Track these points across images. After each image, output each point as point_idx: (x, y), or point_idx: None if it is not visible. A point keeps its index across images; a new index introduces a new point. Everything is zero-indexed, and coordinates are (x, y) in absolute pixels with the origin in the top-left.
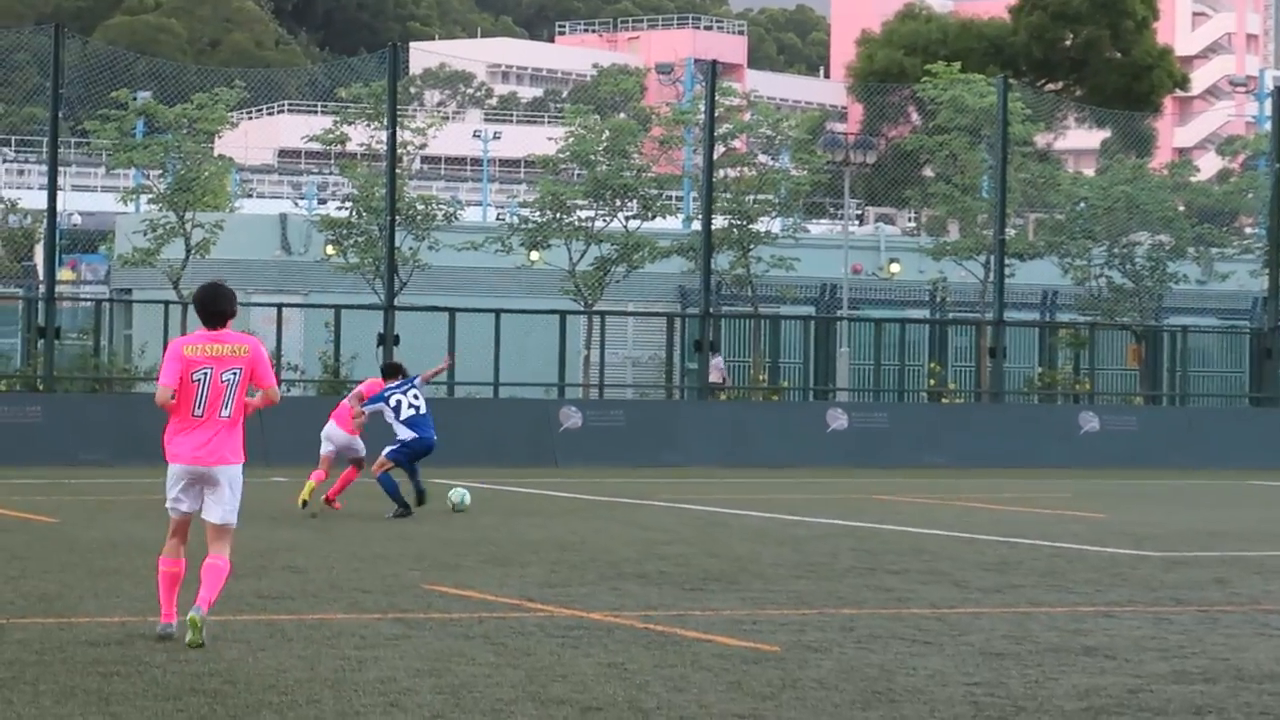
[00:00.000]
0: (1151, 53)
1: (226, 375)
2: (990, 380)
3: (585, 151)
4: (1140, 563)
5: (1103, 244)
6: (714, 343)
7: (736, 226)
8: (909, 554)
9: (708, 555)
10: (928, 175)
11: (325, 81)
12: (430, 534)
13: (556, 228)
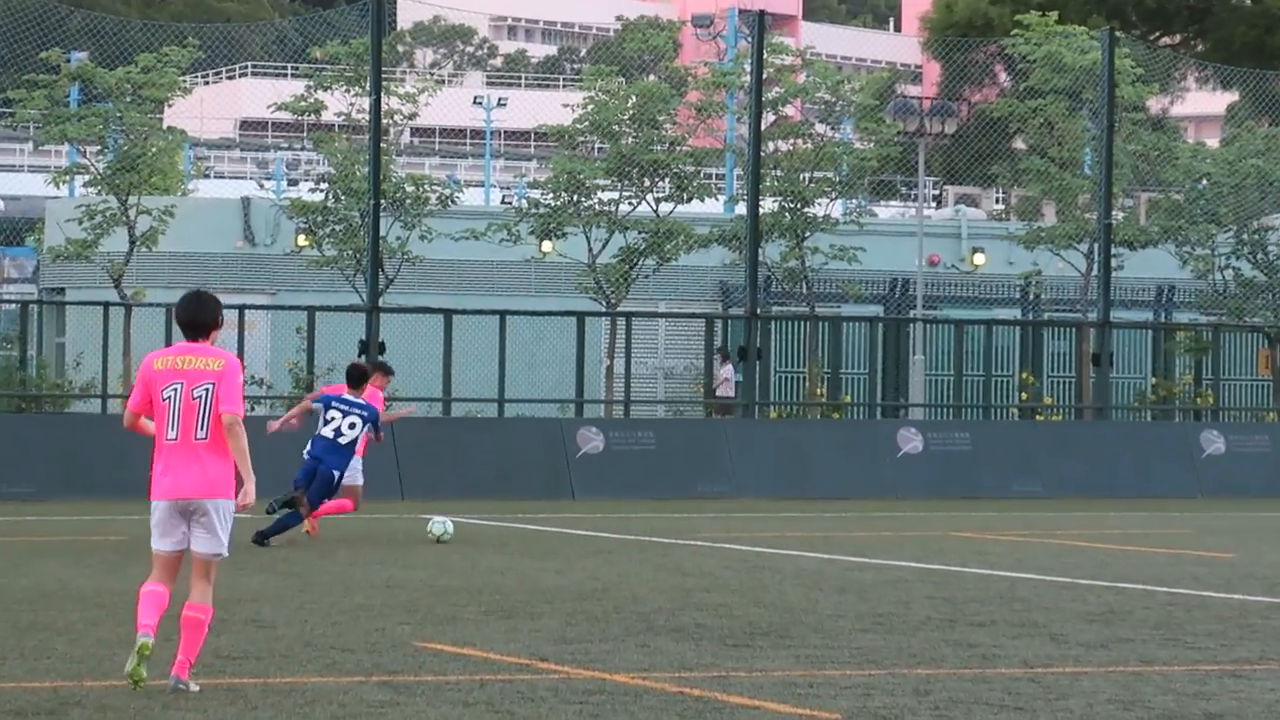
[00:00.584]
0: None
1: (198, 392)
2: (1094, 393)
3: (608, 121)
4: (1275, 612)
5: (1230, 229)
6: (725, 350)
7: (789, 210)
8: (996, 603)
9: (755, 605)
10: (1019, 148)
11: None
12: (423, 581)
13: (573, 213)
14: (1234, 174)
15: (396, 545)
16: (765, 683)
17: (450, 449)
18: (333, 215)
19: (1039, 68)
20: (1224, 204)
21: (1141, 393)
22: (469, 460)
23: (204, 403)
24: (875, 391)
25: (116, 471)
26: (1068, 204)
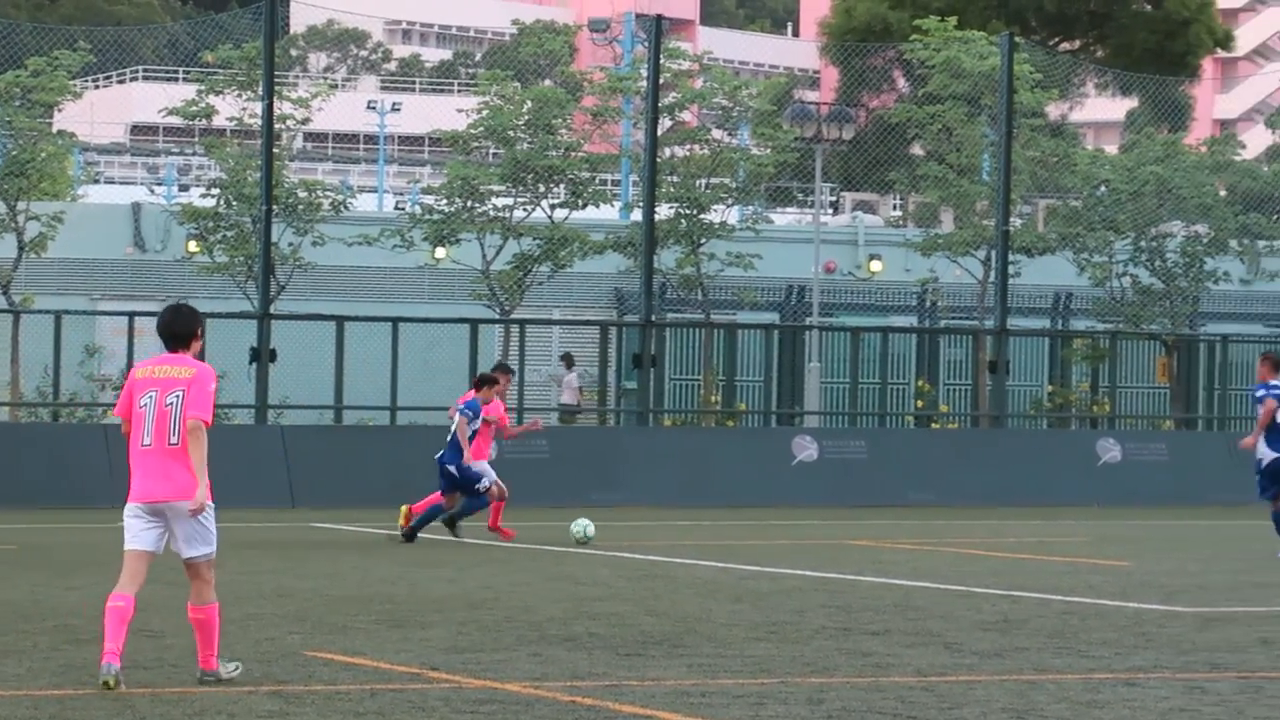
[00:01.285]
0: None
1: (170, 400)
2: (990, 401)
3: (503, 126)
4: (1170, 620)
5: (1128, 236)
6: (569, 356)
7: (685, 217)
8: (891, 611)
9: (648, 614)
10: (917, 154)
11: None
12: (314, 590)
13: (467, 219)
14: (1132, 181)
15: (287, 554)
16: (658, 692)
17: (343, 457)
18: (224, 221)
19: (938, 73)
20: (1122, 211)
21: (1038, 401)
22: (362, 468)
23: (175, 410)
24: (771, 399)
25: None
26: (965, 210)
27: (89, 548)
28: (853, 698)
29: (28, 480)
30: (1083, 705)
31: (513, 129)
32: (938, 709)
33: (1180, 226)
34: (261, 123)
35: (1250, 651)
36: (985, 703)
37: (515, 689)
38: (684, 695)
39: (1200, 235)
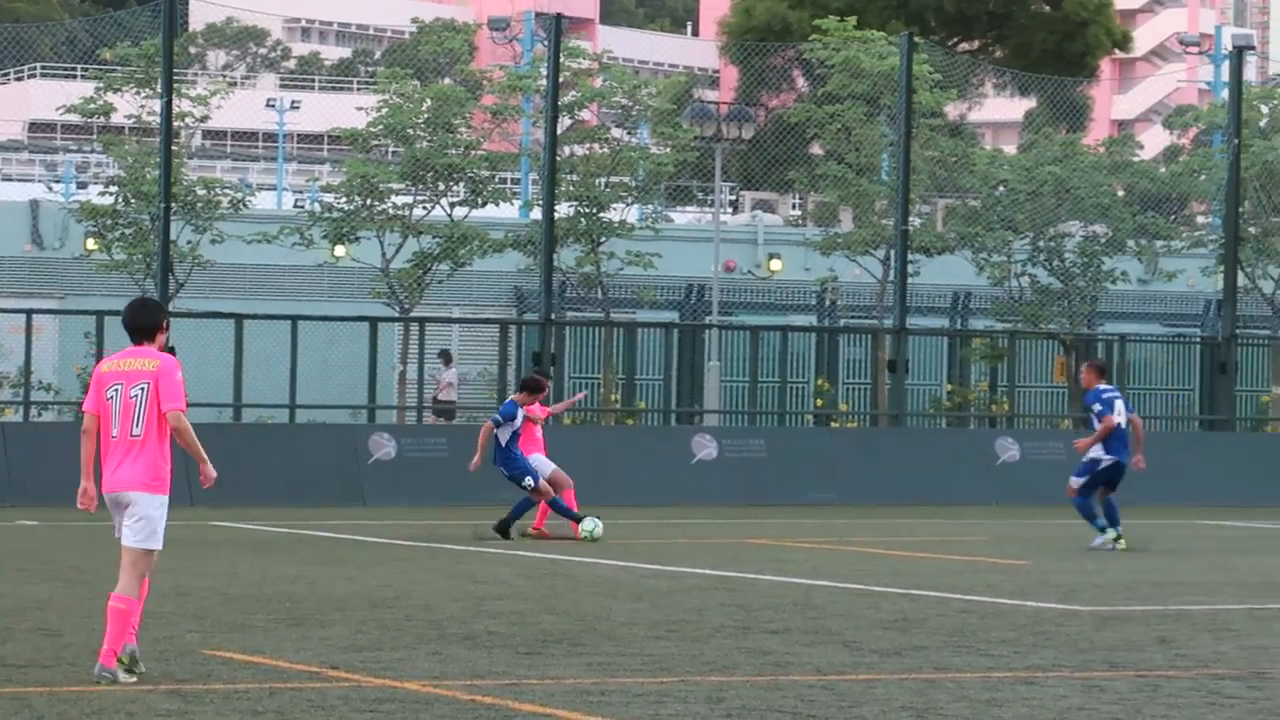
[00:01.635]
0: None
1: (134, 391)
2: (890, 400)
3: (402, 124)
4: (1068, 619)
5: (1026, 236)
6: (447, 353)
7: (584, 215)
8: (791, 610)
9: (548, 612)
10: (816, 153)
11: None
12: (213, 589)
13: (367, 217)
14: (1031, 181)
15: (185, 552)
16: (558, 691)
17: (241, 455)
18: (122, 219)
19: (837, 73)
20: (1021, 211)
21: (937, 400)
22: (260, 467)
23: (140, 401)
24: (670, 398)
25: None
26: (864, 210)
27: (29, 553)
28: (752, 696)
29: None
30: (982, 704)
31: (412, 127)
32: (837, 707)
33: (1078, 226)
34: (160, 120)
35: (1148, 650)
36: (885, 701)
37: (414, 688)
38: (583, 694)
39: (1098, 235)
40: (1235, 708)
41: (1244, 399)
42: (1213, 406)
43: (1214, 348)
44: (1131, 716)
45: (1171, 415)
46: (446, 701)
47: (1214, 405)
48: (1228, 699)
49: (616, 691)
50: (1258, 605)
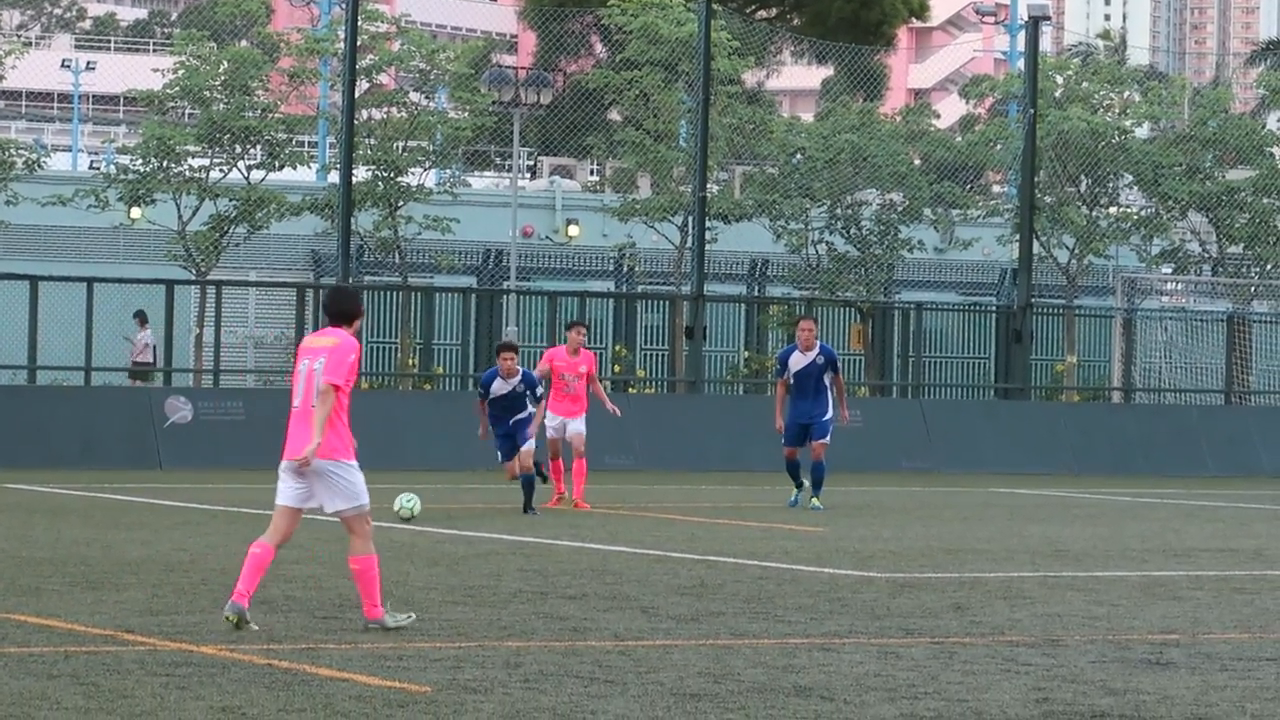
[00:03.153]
0: None
1: (315, 365)
2: (687, 367)
3: (199, 86)
4: (864, 586)
5: (823, 204)
6: (139, 312)
7: (382, 179)
8: (588, 575)
9: (344, 577)
10: (614, 119)
11: None
12: (5, 552)
13: (163, 179)
14: (828, 149)
15: None
16: (355, 655)
17: (35, 417)
18: None
19: (635, 39)
20: (818, 179)
21: (735, 367)
22: (55, 430)
23: (317, 375)
24: (468, 363)
25: None
26: (663, 176)
27: None
28: (549, 661)
29: None
30: (779, 670)
31: (209, 89)
32: (635, 673)
33: (875, 195)
34: None
35: (943, 617)
36: (682, 667)
37: (211, 652)
38: (381, 658)
39: (895, 204)
40: (1030, 674)
41: (1038, 367)
42: (1007, 375)
43: (1009, 316)
44: (927, 683)
45: (966, 384)
46: (244, 666)
47: (1009, 374)
48: (1022, 665)
49: (414, 656)
50: (1050, 573)
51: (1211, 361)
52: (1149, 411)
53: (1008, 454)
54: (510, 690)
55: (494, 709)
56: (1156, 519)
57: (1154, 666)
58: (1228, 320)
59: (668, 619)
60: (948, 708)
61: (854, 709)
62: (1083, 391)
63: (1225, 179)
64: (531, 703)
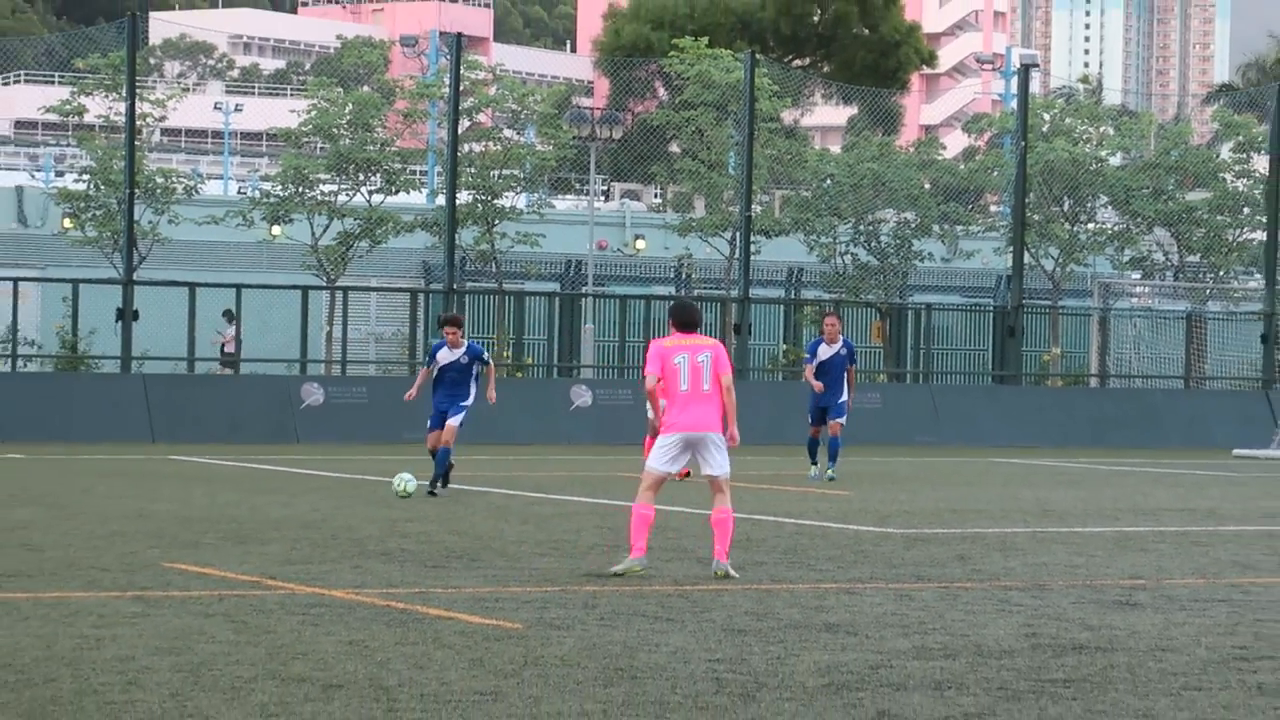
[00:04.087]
0: (899, 29)
1: (701, 358)
2: (735, 358)
3: (328, 124)
4: (883, 540)
5: (848, 221)
6: (228, 311)
7: (481, 201)
8: (654, 532)
9: (450, 533)
10: (674, 151)
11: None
12: (170, 512)
13: (299, 202)
14: (853, 175)
15: (147, 481)
16: (459, 598)
17: (194, 401)
18: (94, 202)
19: (691, 84)
20: (844, 200)
21: (774, 357)
22: (208, 411)
23: (706, 366)
24: (553, 354)
25: None
26: (714, 199)
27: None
28: (620, 603)
29: None
30: (811, 610)
31: (336, 127)
32: (691, 612)
33: (892, 214)
34: (125, 120)
35: (949, 566)
36: (731, 607)
37: (339, 595)
38: (480, 601)
39: (909, 221)
40: (1020, 613)
41: (1029, 358)
42: (1003, 364)
43: (1004, 315)
44: (935, 620)
45: (968, 371)
46: (366, 607)
47: (1004, 363)
48: (1014, 606)
49: (508, 599)
50: (1039, 529)
51: (1173, 353)
52: (1121, 394)
53: (1003, 430)
54: (588, 627)
55: (574, 643)
56: (1127, 484)
57: (1124, 607)
58: (1187, 318)
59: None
60: (952, 641)
61: (874, 642)
62: (1065, 378)
63: (1185, 200)
64: (605, 637)
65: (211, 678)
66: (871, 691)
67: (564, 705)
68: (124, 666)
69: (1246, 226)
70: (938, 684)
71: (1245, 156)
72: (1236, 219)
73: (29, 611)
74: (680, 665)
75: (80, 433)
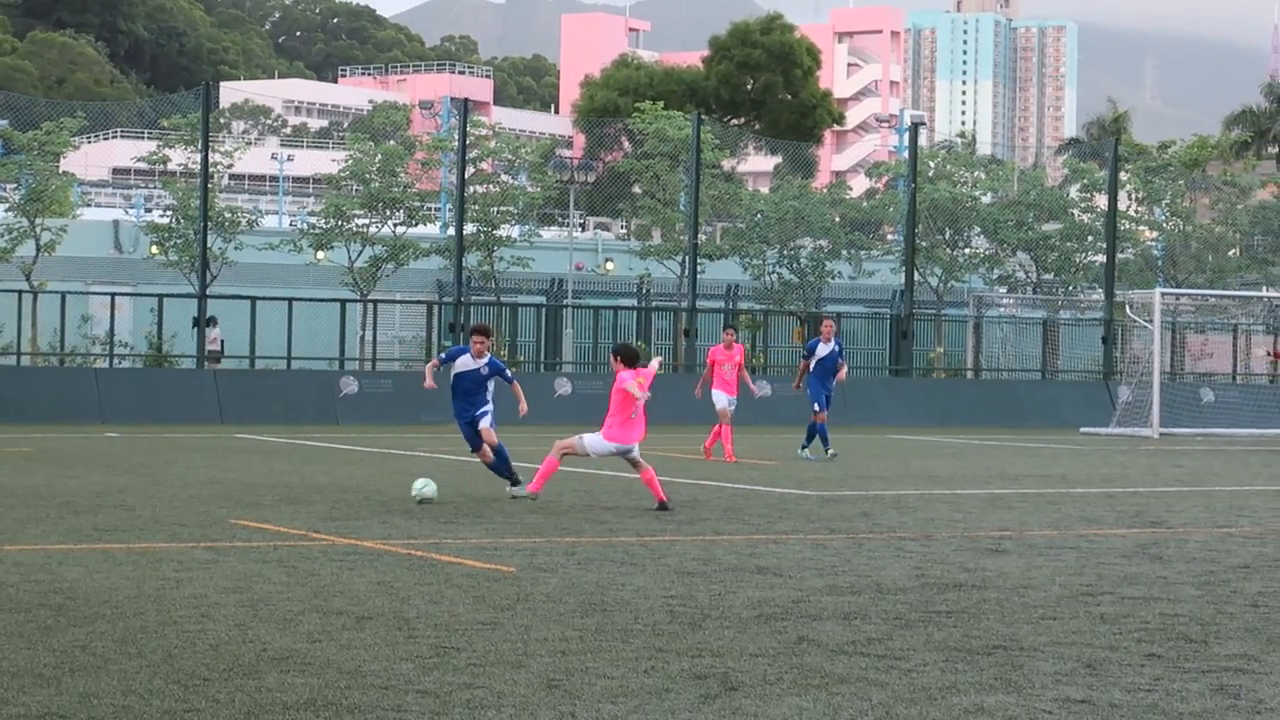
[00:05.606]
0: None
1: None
2: (685, 356)
3: (361, 171)
4: (802, 501)
5: (775, 247)
6: (212, 317)
7: (483, 232)
8: (619, 494)
9: (459, 495)
10: (636, 192)
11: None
12: (235, 479)
13: (338, 232)
14: (778, 211)
15: (217, 455)
16: (465, 547)
17: (255, 390)
18: (175, 233)
19: (651, 139)
20: (771, 231)
21: None
22: (266, 398)
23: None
24: (540, 353)
25: (30, 404)
26: (669, 230)
27: (82, 450)
28: (594, 551)
29: (38, 405)
30: (745, 556)
31: (368, 173)
32: (650, 559)
33: (809, 241)
34: (200, 167)
35: (855, 521)
36: (682, 554)
37: (370, 545)
38: (482, 549)
39: (823, 247)
40: (911, 559)
41: (918, 355)
42: (897, 360)
43: (898, 321)
44: (844, 564)
45: (870, 366)
46: (392, 555)
47: (898, 359)
48: (907, 552)
49: (504, 547)
50: (926, 491)
51: (1032, 351)
52: (991, 384)
53: (898, 413)
54: (568, 570)
55: (558, 582)
56: (996, 455)
57: (994, 553)
58: (1043, 324)
59: (672, 523)
60: (857, 580)
61: (795, 581)
62: (947, 371)
63: (1041, 229)
64: (582, 578)
65: (268, 611)
66: (794, 621)
67: (549, 632)
68: (198, 602)
69: (1090, 251)
70: (846, 615)
71: (1089, 195)
72: (1082, 245)
73: (123, 559)
74: (641, 600)
75: (164, 416)
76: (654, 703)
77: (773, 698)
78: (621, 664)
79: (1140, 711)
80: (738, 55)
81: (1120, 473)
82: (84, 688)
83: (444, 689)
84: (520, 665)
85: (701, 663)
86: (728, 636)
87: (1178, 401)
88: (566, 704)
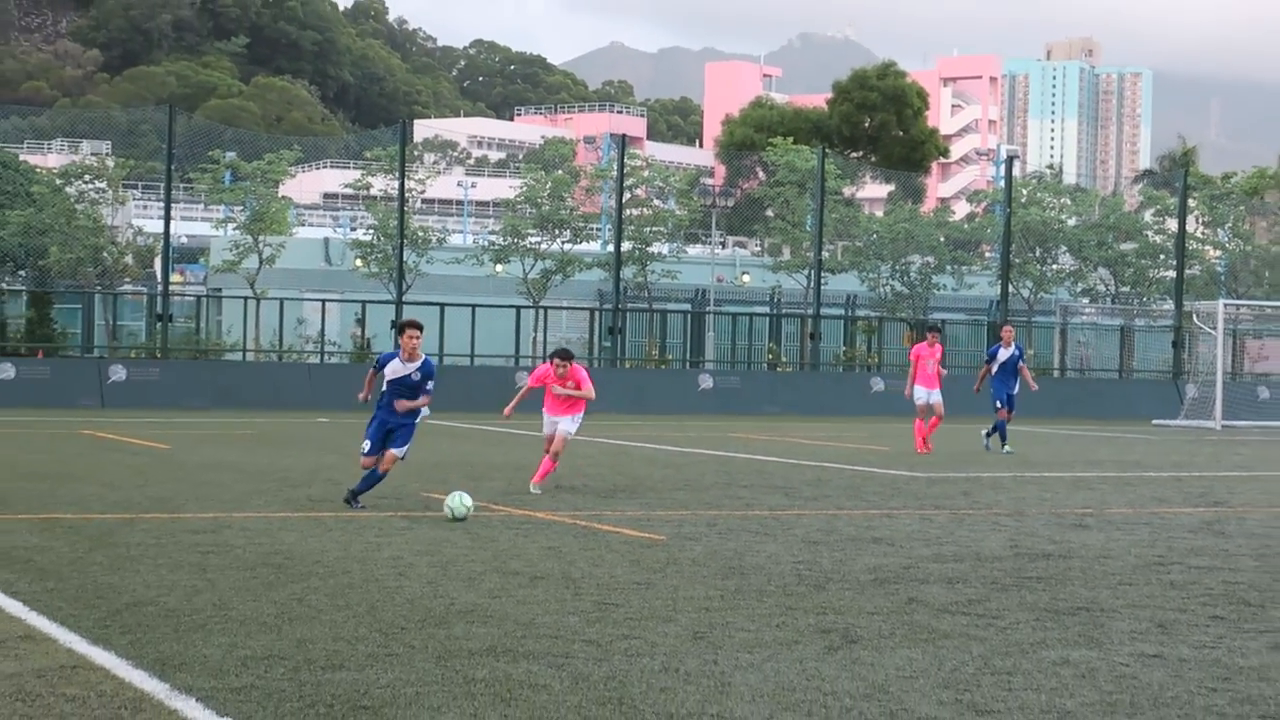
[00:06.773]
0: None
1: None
2: (810, 355)
3: (534, 196)
4: (912, 481)
5: (888, 263)
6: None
7: (638, 248)
8: (754, 474)
9: (616, 474)
10: (769, 215)
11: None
12: (425, 459)
13: (514, 249)
14: (891, 231)
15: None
16: (623, 518)
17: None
18: (376, 249)
19: (782, 169)
20: (885, 249)
21: (837, 355)
22: (454, 391)
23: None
24: (686, 352)
25: (254, 393)
26: (797, 247)
27: (296, 433)
28: (732, 523)
29: (257, 396)
30: (863, 528)
31: (540, 198)
32: (781, 529)
33: (918, 258)
34: (397, 192)
35: (957, 499)
36: (808, 527)
37: (542, 516)
38: (637, 520)
39: (929, 263)
40: (1006, 531)
41: None
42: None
43: (994, 327)
44: (947, 535)
45: (970, 366)
46: (560, 524)
47: None
48: (1002, 526)
49: (656, 519)
50: (1019, 474)
51: (1111, 353)
52: (1074, 382)
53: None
54: (710, 539)
55: (701, 549)
56: (1079, 444)
57: (1078, 528)
58: (1120, 330)
59: (799, 499)
60: (959, 550)
61: (906, 550)
62: (1036, 371)
63: (1119, 249)
64: (723, 546)
65: (455, 571)
66: (905, 584)
67: (694, 592)
68: (395, 563)
69: (1162, 268)
70: (949, 580)
71: (1161, 219)
72: (1155, 262)
73: (332, 525)
74: (773, 565)
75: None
76: (784, 653)
77: (887, 649)
78: (757, 619)
79: (1205, 665)
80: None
81: (1188, 459)
82: (300, 634)
83: (605, 639)
84: (670, 619)
85: (825, 619)
86: (848, 597)
87: (1238, 398)
88: (710, 653)
